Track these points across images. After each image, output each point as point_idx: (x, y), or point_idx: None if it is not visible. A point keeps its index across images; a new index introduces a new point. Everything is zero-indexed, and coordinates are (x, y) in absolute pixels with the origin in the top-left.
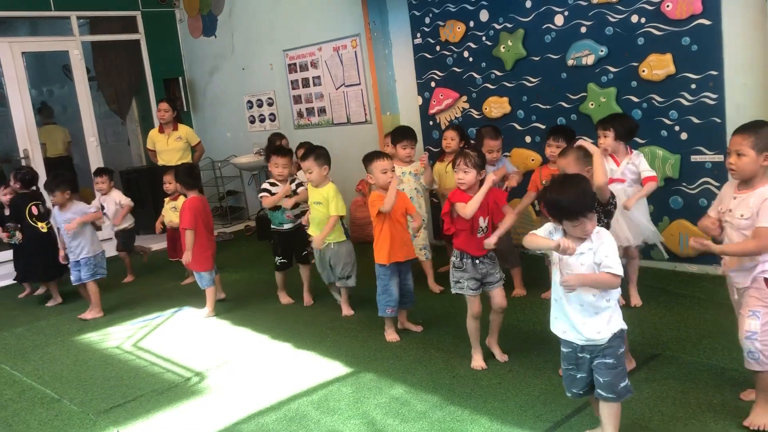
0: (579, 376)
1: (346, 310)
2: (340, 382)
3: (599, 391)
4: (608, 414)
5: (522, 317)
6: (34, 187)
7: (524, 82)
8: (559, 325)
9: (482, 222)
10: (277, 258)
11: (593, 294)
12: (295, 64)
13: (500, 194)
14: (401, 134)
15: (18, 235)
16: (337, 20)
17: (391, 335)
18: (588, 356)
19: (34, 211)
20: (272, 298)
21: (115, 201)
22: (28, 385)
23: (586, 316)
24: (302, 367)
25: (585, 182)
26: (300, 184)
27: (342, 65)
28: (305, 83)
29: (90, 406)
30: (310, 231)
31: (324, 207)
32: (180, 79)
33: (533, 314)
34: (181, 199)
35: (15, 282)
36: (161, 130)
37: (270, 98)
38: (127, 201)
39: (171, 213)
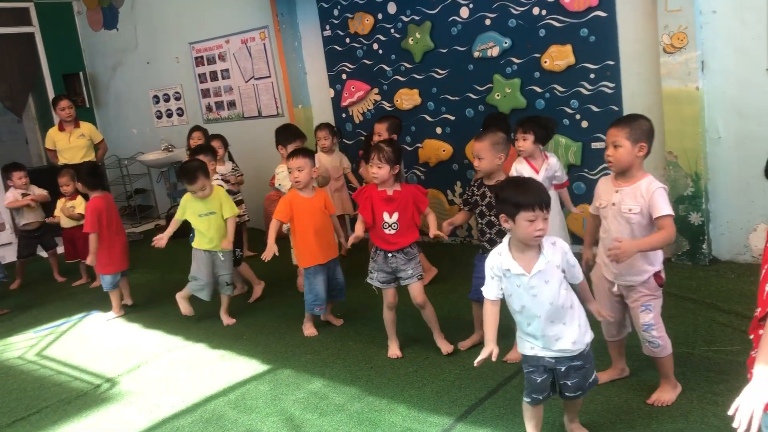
0: (540, 379)
1: (227, 320)
2: (257, 380)
3: (566, 393)
4: (574, 405)
5: (440, 302)
6: None
7: (433, 74)
8: (525, 344)
9: (388, 218)
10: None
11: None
12: (202, 57)
13: (422, 197)
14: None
15: None
16: (245, 12)
17: (309, 329)
18: (553, 362)
19: None
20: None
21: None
22: None
23: (556, 324)
24: (218, 367)
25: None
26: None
27: (251, 58)
28: (213, 76)
29: None
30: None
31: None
32: (81, 74)
33: (449, 300)
34: (79, 199)
35: None
36: (62, 128)
37: (177, 92)
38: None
39: (67, 212)
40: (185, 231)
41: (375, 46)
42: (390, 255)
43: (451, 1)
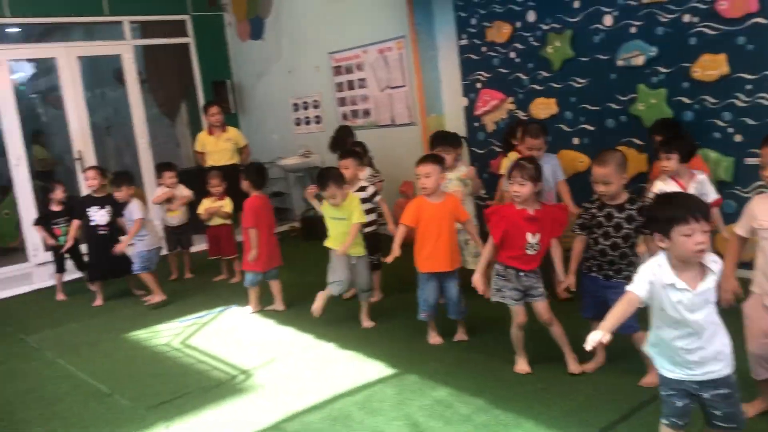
0: (681, 404)
1: (366, 323)
2: (383, 383)
3: (716, 423)
4: None
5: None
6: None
7: (572, 83)
8: (665, 366)
9: (531, 238)
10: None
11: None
12: (340, 66)
13: (562, 214)
14: (438, 140)
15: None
16: (383, 23)
17: (433, 338)
18: (696, 387)
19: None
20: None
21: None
22: (81, 380)
23: (705, 346)
24: (346, 368)
25: None
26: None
27: (387, 67)
28: (350, 85)
29: (140, 401)
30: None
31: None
32: (228, 82)
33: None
34: (227, 199)
35: (74, 279)
36: (210, 132)
37: (316, 100)
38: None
39: (213, 211)
40: (321, 233)
41: (512, 54)
42: (523, 274)
43: (594, 8)
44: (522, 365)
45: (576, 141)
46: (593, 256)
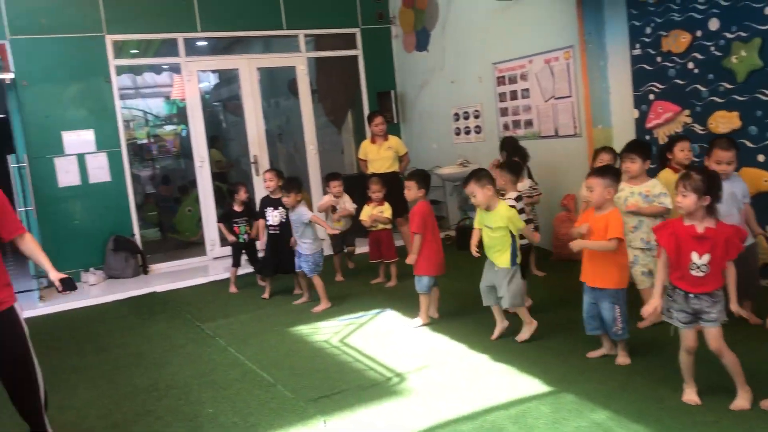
0: None
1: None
2: (538, 399)
3: None
4: None
5: (745, 350)
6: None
7: (759, 95)
8: None
9: (697, 258)
10: None
11: None
12: (504, 76)
13: (737, 237)
14: (632, 146)
15: (246, 233)
16: (550, 32)
17: (592, 353)
18: None
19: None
20: (470, 307)
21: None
22: (249, 368)
23: None
24: (499, 380)
25: None
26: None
27: (553, 77)
28: (513, 96)
29: (301, 393)
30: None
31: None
32: (392, 92)
33: (750, 349)
34: (386, 204)
35: (245, 274)
36: (373, 141)
37: (477, 111)
38: (352, 207)
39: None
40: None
41: (690, 65)
42: (692, 296)
43: None
44: (690, 395)
45: (761, 158)
46: None
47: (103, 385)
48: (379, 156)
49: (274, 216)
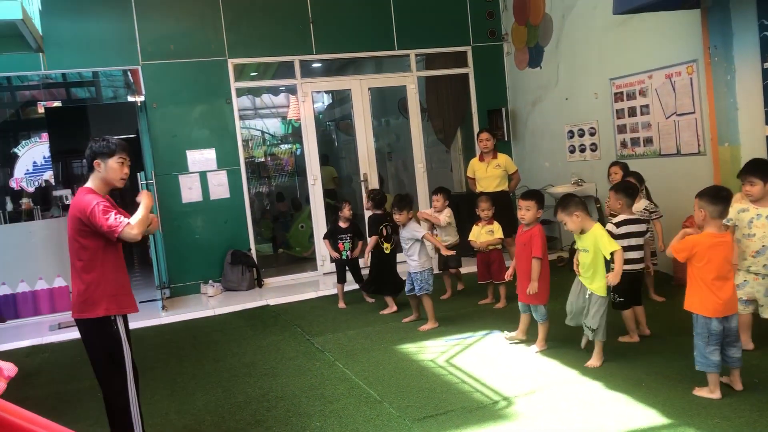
0: None
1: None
2: (654, 431)
3: None
4: None
5: None
6: (382, 209)
7: None
8: None
9: None
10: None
11: None
12: (621, 92)
13: None
14: (750, 168)
15: (349, 250)
16: (672, 46)
17: (707, 392)
18: None
19: (384, 232)
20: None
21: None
22: (356, 383)
23: None
24: (612, 409)
25: None
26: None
27: (674, 93)
28: (631, 112)
29: (406, 412)
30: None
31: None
32: (503, 109)
33: None
34: (496, 224)
35: (357, 289)
36: (481, 159)
37: (592, 128)
38: (446, 218)
39: (486, 236)
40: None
41: None
42: None
43: None
44: None
45: None
46: None
47: (219, 392)
48: (487, 174)
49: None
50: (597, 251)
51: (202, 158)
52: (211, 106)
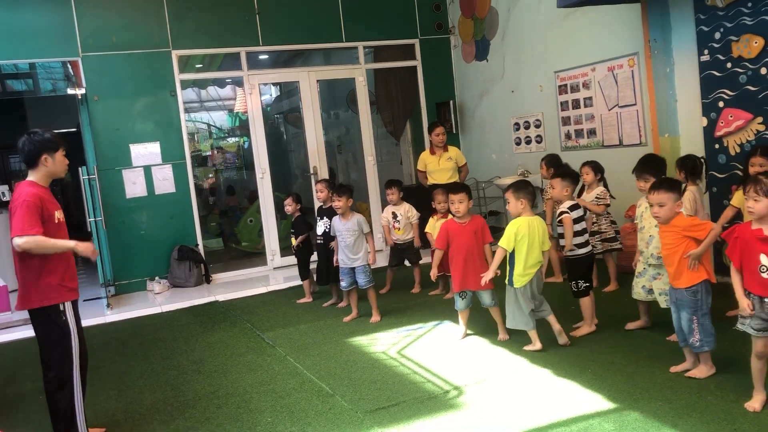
0: None
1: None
2: (601, 417)
3: None
4: None
5: None
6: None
7: None
8: None
9: (765, 260)
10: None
11: None
12: (565, 85)
13: None
14: (643, 166)
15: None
16: (614, 39)
17: (674, 367)
18: None
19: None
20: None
21: (405, 212)
22: (307, 377)
23: None
24: (561, 396)
25: None
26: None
27: (617, 85)
28: (575, 104)
29: (358, 404)
30: None
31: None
32: (451, 102)
33: None
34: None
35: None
36: (432, 152)
37: (537, 120)
38: (415, 217)
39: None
40: None
41: (763, 70)
42: (766, 301)
43: None
44: (754, 402)
45: None
46: None
47: (167, 391)
48: (439, 167)
49: (319, 226)
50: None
51: (146, 152)
52: (156, 98)
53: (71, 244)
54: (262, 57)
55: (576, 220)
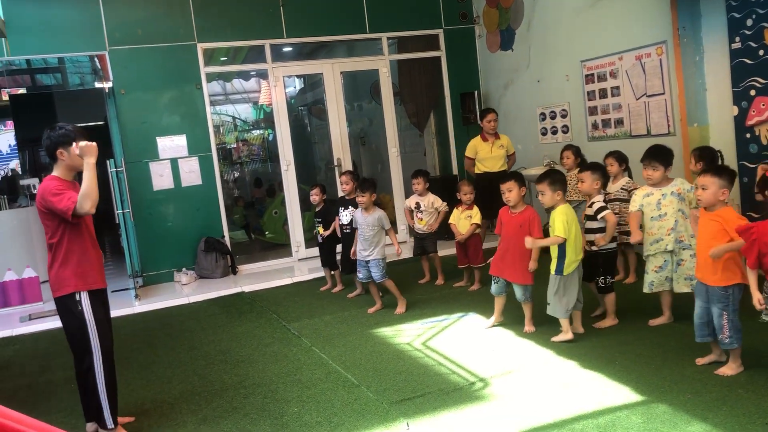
0: None
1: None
2: (628, 409)
3: None
4: None
5: None
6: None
7: None
8: None
9: None
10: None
11: None
12: (592, 74)
13: None
14: (652, 154)
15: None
16: (642, 27)
17: (701, 359)
18: None
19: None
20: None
21: (430, 202)
22: (333, 368)
23: None
24: (588, 388)
25: None
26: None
27: (644, 74)
28: (602, 94)
29: (384, 395)
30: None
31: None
32: (475, 93)
33: None
34: (475, 209)
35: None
36: (485, 139)
37: (564, 110)
38: (443, 206)
39: (465, 221)
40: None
41: None
42: None
43: None
44: None
45: None
46: None
47: (195, 380)
48: (491, 154)
49: (345, 215)
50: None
51: (172, 145)
52: (181, 91)
53: (86, 173)
54: (286, 49)
55: (588, 217)
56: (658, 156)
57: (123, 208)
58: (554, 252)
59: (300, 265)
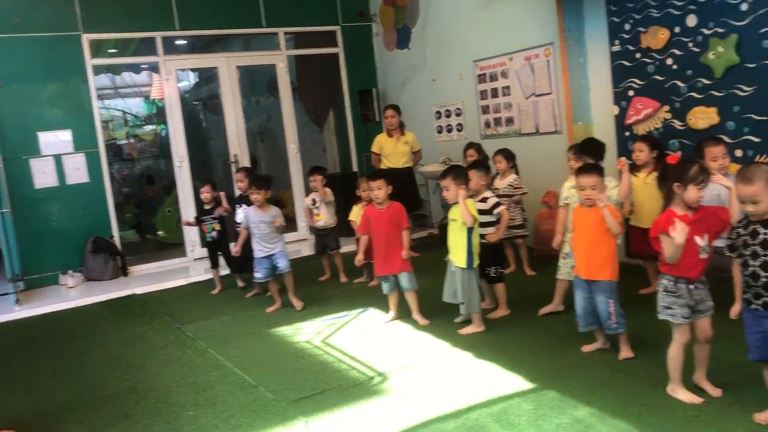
0: None
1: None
2: (520, 397)
3: None
4: None
5: (727, 345)
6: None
7: (736, 91)
8: None
9: (700, 241)
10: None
11: None
12: (485, 74)
13: (723, 212)
14: (584, 148)
15: (214, 229)
16: (530, 29)
17: (587, 347)
18: None
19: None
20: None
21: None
22: (230, 369)
23: None
24: (482, 378)
25: None
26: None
27: (533, 74)
28: (494, 93)
29: (282, 394)
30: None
31: (458, 222)
32: (373, 90)
33: (740, 342)
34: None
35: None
36: (389, 135)
37: (458, 108)
38: (330, 195)
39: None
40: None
41: (669, 61)
42: (693, 286)
43: (765, 11)
44: (686, 394)
45: (739, 153)
46: (747, 283)
47: (82, 388)
48: (395, 150)
49: (239, 213)
50: (462, 224)
51: (56, 140)
52: (66, 84)
53: None
54: (179, 42)
55: (482, 212)
56: (589, 150)
57: (1, 207)
58: (461, 245)
59: (195, 265)
